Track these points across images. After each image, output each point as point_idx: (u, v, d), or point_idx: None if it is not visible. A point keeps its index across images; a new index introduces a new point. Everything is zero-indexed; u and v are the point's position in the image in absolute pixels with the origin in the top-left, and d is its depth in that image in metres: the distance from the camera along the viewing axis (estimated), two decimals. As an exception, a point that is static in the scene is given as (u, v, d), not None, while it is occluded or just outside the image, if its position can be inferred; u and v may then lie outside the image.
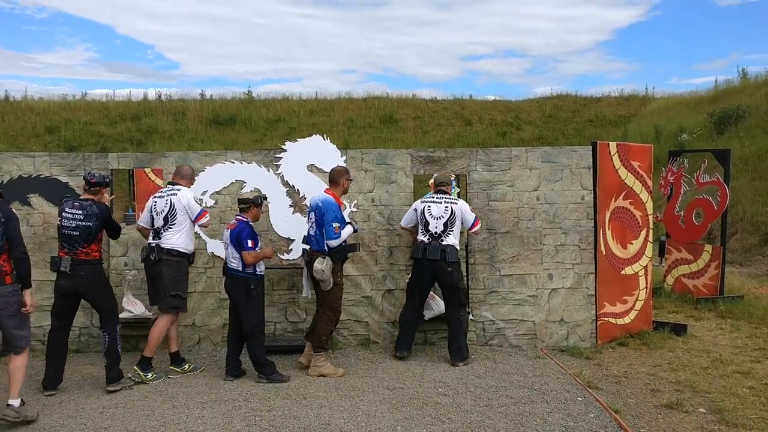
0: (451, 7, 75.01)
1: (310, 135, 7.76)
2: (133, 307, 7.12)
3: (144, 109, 27.03)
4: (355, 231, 6.69)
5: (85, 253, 5.93)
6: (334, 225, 6.29)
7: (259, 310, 6.46)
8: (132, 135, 24.71)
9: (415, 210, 7.03)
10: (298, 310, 7.52)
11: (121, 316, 7.09)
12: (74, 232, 5.91)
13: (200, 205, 6.52)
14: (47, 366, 6.03)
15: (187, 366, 6.59)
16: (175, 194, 6.41)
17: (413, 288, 7.03)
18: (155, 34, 72.67)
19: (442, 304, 7.18)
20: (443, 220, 6.84)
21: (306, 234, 6.69)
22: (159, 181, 12.28)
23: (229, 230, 6.35)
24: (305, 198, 7.43)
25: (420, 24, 72.94)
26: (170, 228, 6.36)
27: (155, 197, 6.55)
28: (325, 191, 6.56)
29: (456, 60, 70.02)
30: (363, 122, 26.74)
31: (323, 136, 7.65)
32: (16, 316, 5.20)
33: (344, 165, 7.17)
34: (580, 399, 5.70)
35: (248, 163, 7.51)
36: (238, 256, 6.26)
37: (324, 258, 6.30)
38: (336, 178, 6.61)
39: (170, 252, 6.33)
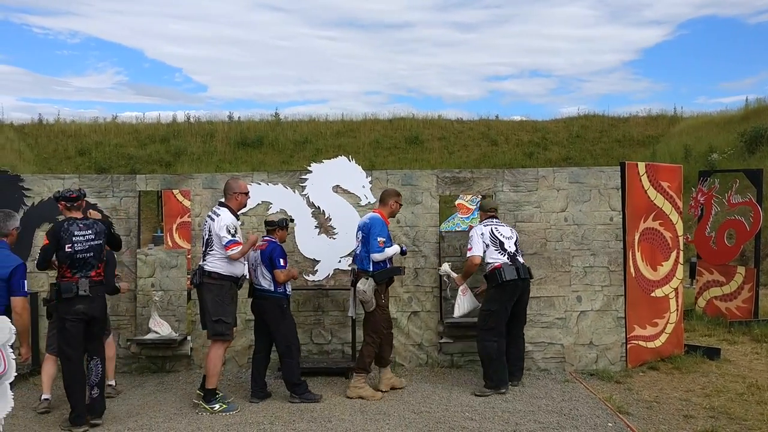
0: (473, 28, 75.28)
1: (336, 156, 7.77)
2: (159, 327, 7.15)
3: (173, 131, 27.42)
4: (403, 252, 6.73)
5: (98, 274, 5.66)
6: (379, 239, 6.30)
7: (293, 329, 6.42)
8: (161, 156, 25.07)
9: (482, 234, 6.65)
10: (323, 332, 7.49)
11: (147, 336, 7.16)
12: (89, 254, 5.58)
13: (231, 235, 5.92)
14: (74, 401, 5.52)
15: (217, 406, 5.98)
16: (213, 219, 6.07)
17: (502, 314, 6.53)
18: (183, 57, 73.88)
19: (469, 302, 6.89)
20: (513, 240, 6.72)
21: (354, 254, 6.70)
22: (186, 203, 12.40)
23: (259, 251, 6.34)
24: (330, 219, 7.44)
25: (442, 45, 73.24)
26: (210, 252, 6.04)
27: (206, 218, 6.32)
28: (373, 210, 6.65)
29: (480, 80, 70.07)
30: (389, 143, 26.80)
31: (348, 158, 7.66)
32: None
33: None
34: (610, 425, 5.57)
35: (274, 184, 7.53)
36: (269, 276, 6.26)
37: (367, 279, 6.28)
38: (385, 199, 6.65)
39: (210, 275, 6.01)
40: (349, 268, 7.36)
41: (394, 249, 6.49)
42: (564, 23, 70.61)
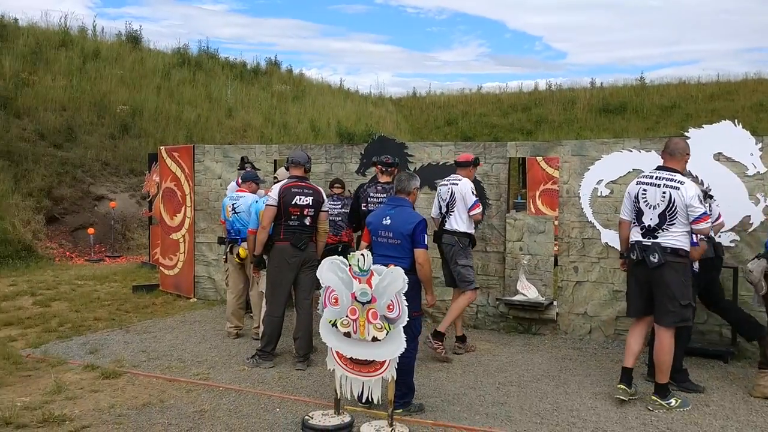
0: None
1: (710, 122, 7.11)
2: (526, 290, 7.36)
3: (534, 100, 27.87)
4: None
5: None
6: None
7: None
8: (522, 125, 25.69)
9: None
10: (699, 311, 6.95)
11: (514, 298, 7.45)
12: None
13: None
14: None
15: (673, 401, 5.23)
16: (677, 189, 5.15)
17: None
18: (542, 25, 74.13)
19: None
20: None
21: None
22: (549, 170, 12.52)
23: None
24: (710, 189, 6.78)
25: None
26: (670, 226, 5.14)
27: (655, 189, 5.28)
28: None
29: None
30: (775, 105, 23.57)
31: (735, 122, 6.90)
32: None
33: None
34: None
35: (647, 151, 7.14)
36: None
37: (759, 258, 5.39)
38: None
39: (677, 253, 5.13)
40: (732, 245, 6.69)
41: None
42: None
